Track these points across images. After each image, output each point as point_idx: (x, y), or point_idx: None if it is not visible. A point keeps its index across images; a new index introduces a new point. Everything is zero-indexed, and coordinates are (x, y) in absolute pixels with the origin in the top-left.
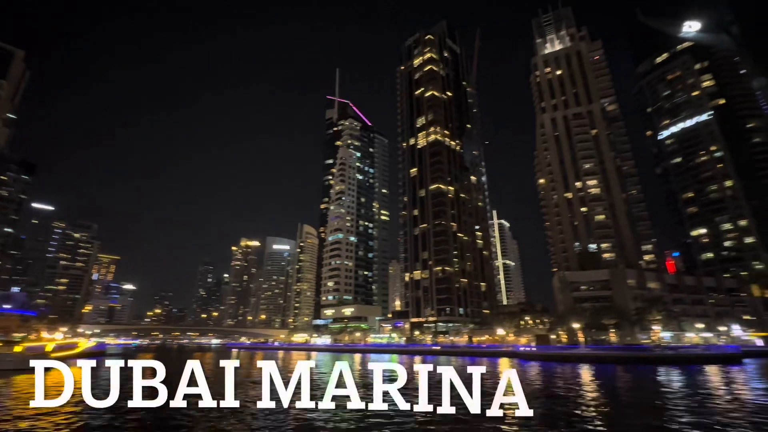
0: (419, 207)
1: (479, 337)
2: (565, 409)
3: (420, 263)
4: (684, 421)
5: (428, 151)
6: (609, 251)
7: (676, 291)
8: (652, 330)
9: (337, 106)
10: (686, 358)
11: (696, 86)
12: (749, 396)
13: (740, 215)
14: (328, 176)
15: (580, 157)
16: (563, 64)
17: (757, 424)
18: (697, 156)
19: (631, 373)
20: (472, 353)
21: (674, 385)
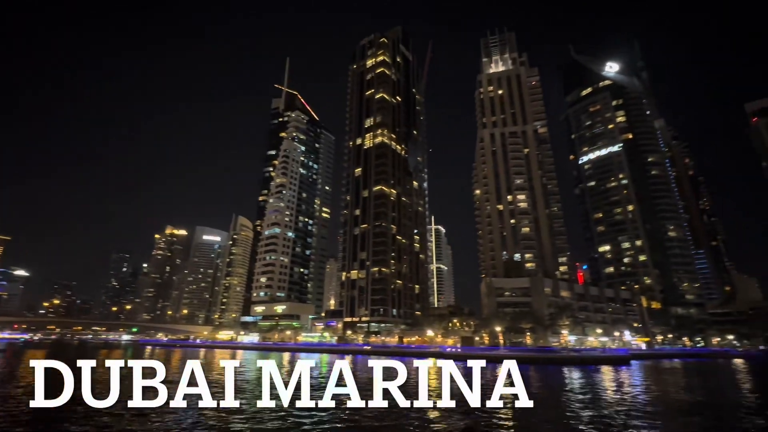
0: (361, 207)
1: (410, 338)
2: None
3: (358, 263)
4: (583, 414)
5: (374, 152)
6: (531, 261)
7: (583, 300)
8: (561, 334)
9: (285, 97)
10: (586, 359)
11: (611, 120)
12: (632, 392)
13: (637, 236)
14: (269, 168)
15: (513, 173)
16: (504, 85)
17: (638, 416)
18: (608, 181)
19: (541, 372)
20: (401, 353)
21: (575, 383)
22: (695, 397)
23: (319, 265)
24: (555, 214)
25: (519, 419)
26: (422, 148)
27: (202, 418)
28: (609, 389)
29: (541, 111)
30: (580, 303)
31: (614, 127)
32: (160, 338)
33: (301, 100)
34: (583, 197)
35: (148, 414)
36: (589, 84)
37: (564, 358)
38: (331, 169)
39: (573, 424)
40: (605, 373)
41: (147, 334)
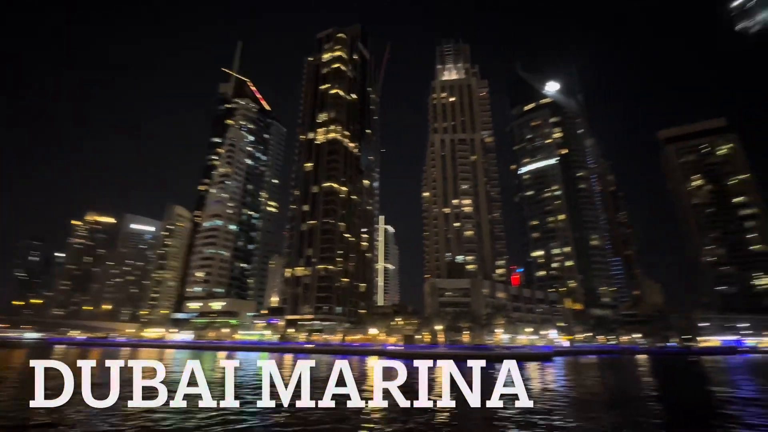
0: (310, 203)
1: (353, 336)
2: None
3: (304, 260)
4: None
5: (326, 148)
6: (472, 263)
7: (517, 301)
8: (496, 332)
9: (234, 83)
10: (516, 356)
11: (549, 135)
12: (551, 386)
13: (566, 243)
14: (212, 156)
15: (460, 179)
16: (456, 93)
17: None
18: (543, 192)
19: None
20: (344, 351)
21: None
22: (604, 389)
23: (262, 260)
24: (496, 220)
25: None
26: (375, 147)
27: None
28: (533, 383)
29: (488, 121)
30: (514, 304)
31: (552, 142)
32: (74, 336)
33: (252, 87)
34: (521, 205)
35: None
36: (532, 100)
37: (497, 356)
38: (280, 162)
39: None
40: (531, 369)
41: (58, 332)
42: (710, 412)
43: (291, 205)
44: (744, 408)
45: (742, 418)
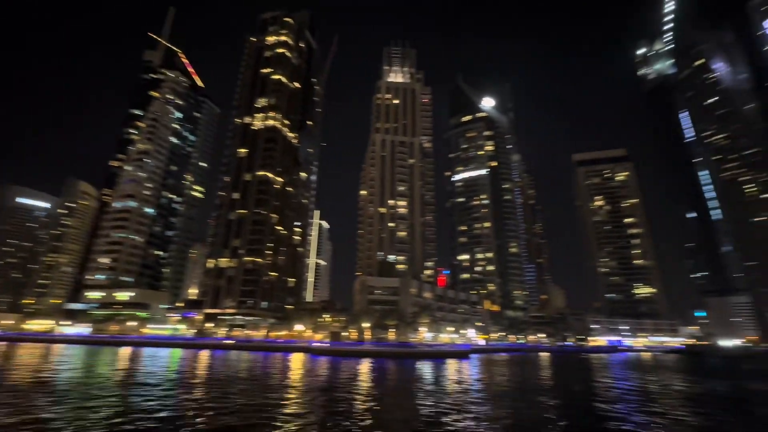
0: (241, 191)
1: (278, 332)
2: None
3: (229, 250)
4: (428, 401)
5: (264, 135)
6: (403, 263)
7: (441, 301)
8: (420, 330)
9: (163, 52)
10: (437, 353)
11: (482, 147)
12: (468, 381)
13: (489, 249)
14: (130, 129)
15: (397, 180)
16: (400, 96)
17: (471, 401)
18: (473, 200)
19: (399, 366)
20: (266, 348)
21: (425, 374)
22: (510, 383)
23: (182, 249)
24: (428, 223)
25: (373, 409)
26: (316, 140)
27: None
28: (449, 379)
29: (429, 127)
30: (439, 303)
31: (484, 154)
32: None
33: (184, 60)
34: (452, 210)
35: None
36: (470, 112)
37: (420, 353)
38: (211, 145)
39: (417, 409)
40: (450, 366)
41: None
42: (589, 400)
43: (220, 191)
44: (618, 397)
45: (614, 405)
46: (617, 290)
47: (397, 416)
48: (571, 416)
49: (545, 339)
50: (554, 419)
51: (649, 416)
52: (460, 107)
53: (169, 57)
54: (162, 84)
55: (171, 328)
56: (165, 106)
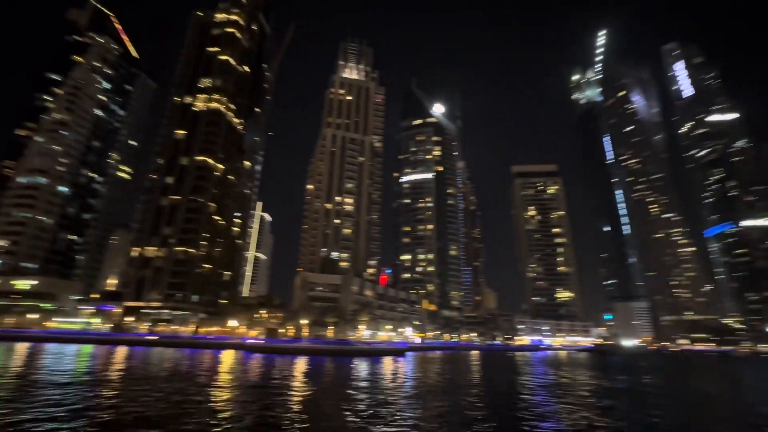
0: (177, 175)
1: (209, 328)
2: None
3: (159, 239)
4: (360, 398)
5: (206, 117)
6: (346, 261)
7: (382, 299)
8: (359, 328)
9: (92, 12)
10: (374, 351)
11: (430, 152)
12: (402, 378)
13: (430, 251)
14: (45, 95)
15: (346, 177)
16: (354, 93)
17: (405, 398)
18: (418, 202)
19: (335, 363)
20: (195, 345)
21: (361, 372)
22: (441, 379)
23: (101, 234)
24: (374, 222)
25: (305, 406)
26: (263, 129)
27: None
28: (384, 376)
29: (380, 126)
30: (379, 302)
31: (431, 158)
32: None
33: (117, 25)
34: (398, 211)
35: None
36: (421, 116)
37: (357, 350)
38: (144, 122)
39: (350, 406)
40: (386, 363)
41: None
42: (511, 393)
43: (151, 174)
44: (535, 390)
45: (533, 396)
46: (542, 294)
47: (327, 413)
48: (494, 407)
49: (476, 338)
50: (478, 411)
51: (560, 405)
52: (412, 111)
53: (98, 19)
54: (89, 49)
55: (83, 321)
56: (90, 74)
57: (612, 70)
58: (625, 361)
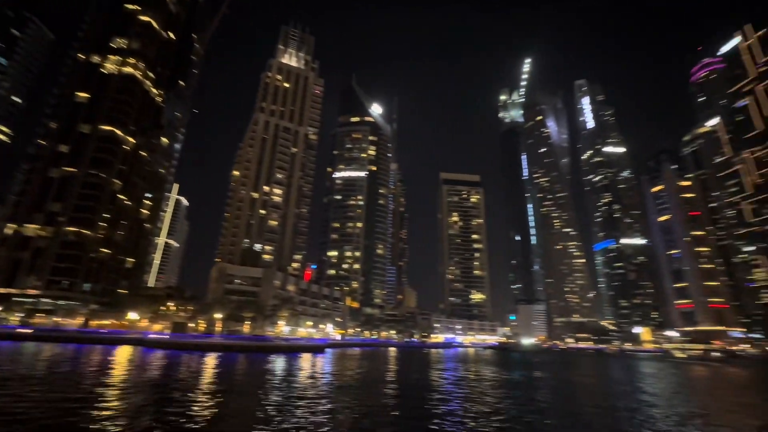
0: (74, 143)
1: (102, 321)
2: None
3: (44, 215)
4: (271, 395)
5: (117, 83)
6: (270, 254)
7: (305, 295)
8: (278, 324)
9: None
10: (293, 347)
11: (365, 150)
12: (319, 374)
13: (358, 248)
14: None
15: (277, 167)
16: (292, 80)
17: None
18: (350, 199)
19: (249, 360)
20: (83, 339)
21: (276, 369)
22: (357, 375)
23: None
24: (302, 215)
25: (210, 404)
26: (187, 104)
27: None
28: (301, 372)
29: (317, 119)
30: (302, 297)
31: (366, 157)
32: None
33: None
34: (328, 206)
35: None
36: (359, 114)
37: (274, 347)
38: (33, 77)
39: (259, 403)
40: (304, 360)
41: None
42: (422, 386)
43: (40, 139)
44: (444, 383)
45: (443, 388)
46: (458, 295)
47: (234, 411)
48: (405, 399)
49: (395, 335)
50: (390, 404)
51: (465, 396)
52: (351, 107)
53: None
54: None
55: None
56: None
57: (533, 96)
58: (523, 357)
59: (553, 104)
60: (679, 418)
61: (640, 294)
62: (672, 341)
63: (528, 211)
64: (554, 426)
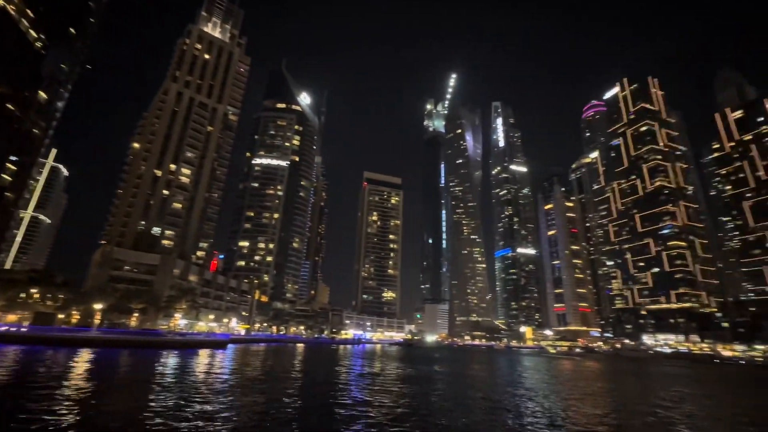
0: None
1: None
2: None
3: None
4: (157, 396)
5: None
6: (171, 239)
7: (208, 286)
8: (174, 317)
9: None
10: (190, 343)
11: (290, 140)
12: (215, 372)
13: (272, 240)
14: None
15: (188, 144)
16: (214, 53)
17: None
18: (268, 188)
19: (135, 356)
20: None
21: (166, 366)
22: (260, 371)
23: None
24: (213, 200)
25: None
26: (78, 58)
27: None
28: (195, 370)
29: (238, 99)
30: (204, 289)
31: (289, 146)
32: None
33: None
34: (244, 193)
35: None
36: (286, 101)
37: (166, 342)
38: None
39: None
40: (201, 356)
41: None
42: (326, 382)
43: None
44: (349, 377)
45: (346, 383)
46: (371, 292)
47: (109, 412)
48: (307, 396)
49: (305, 331)
50: (289, 401)
51: (369, 388)
52: (278, 93)
53: None
54: None
55: None
56: None
57: (456, 110)
58: (425, 353)
59: (472, 120)
60: (549, 403)
61: (527, 297)
62: (547, 339)
63: (442, 217)
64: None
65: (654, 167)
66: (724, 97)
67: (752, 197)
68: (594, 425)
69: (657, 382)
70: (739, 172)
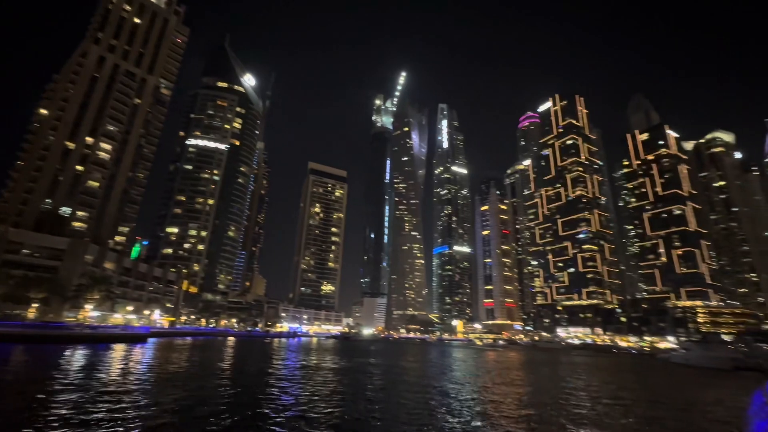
0: None
1: None
2: None
3: None
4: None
5: None
6: (84, 221)
7: (128, 275)
8: (84, 309)
9: None
10: (101, 337)
11: (230, 122)
12: (129, 369)
13: (205, 227)
14: None
15: (109, 116)
16: (147, 17)
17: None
18: (203, 172)
19: (31, 353)
20: None
21: (71, 363)
22: (181, 367)
23: None
24: (138, 181)
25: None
26: None
27: None
28: (106, 367)
29: (173, 73)
30: (123, 278)
31: (229, 128)
32: None
33: None
34: (175, 176)
35: None
36: (228, 80)
37: (71, 336)
38: None
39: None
40: (116, 351)
41: None
42: (258, 377)
43: None
44: (283, 372)
45: (278, 379)
46: (309, 285)
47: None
48: (232, 393)
49: (236, 324)
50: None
51: (301, 384)
52: (219, 70)
53: None
54: None
55: None
56: None
57: (403, 108)
58: (361, 345)
59: (419, 120)
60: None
61: (460, 293)
62: (476, 332)
63: (385, 212)
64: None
65: (576, 178)
66: (635, 120)
67: (650, 209)
68: (508, 403)
69: (564, 370)
70: (642, 187)
